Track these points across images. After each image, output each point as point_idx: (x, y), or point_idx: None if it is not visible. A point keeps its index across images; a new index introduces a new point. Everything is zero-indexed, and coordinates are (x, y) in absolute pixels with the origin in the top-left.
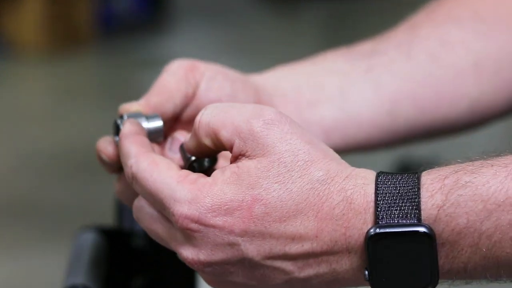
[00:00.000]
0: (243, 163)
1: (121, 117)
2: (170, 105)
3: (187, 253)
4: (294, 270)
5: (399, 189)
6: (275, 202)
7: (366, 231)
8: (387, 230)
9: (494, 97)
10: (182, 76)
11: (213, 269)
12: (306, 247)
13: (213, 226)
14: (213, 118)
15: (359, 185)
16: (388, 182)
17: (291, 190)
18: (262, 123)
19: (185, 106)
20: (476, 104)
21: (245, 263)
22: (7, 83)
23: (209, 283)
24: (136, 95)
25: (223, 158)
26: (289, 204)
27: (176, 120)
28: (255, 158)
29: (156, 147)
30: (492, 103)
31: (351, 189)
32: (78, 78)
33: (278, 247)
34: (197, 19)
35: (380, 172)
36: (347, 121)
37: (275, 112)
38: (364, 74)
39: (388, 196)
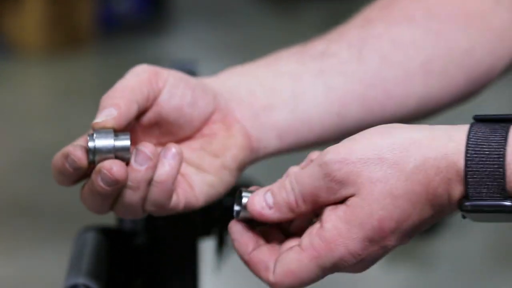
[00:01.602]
0: (346, 203)
1: (92, 134)
2: (134, 107)
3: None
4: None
5: (486, 167)
6: (395, 211)
7: (458, 201)
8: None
9: (442, 93)
10: (145, 79)
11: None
12: (427, 221)
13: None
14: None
15: (451, 164)
16: (476, 157)
17: (399, 195)
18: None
19: (145, 109)
20: (424, 101)
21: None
22: (8, 83)
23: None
24: None
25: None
26: (405, 204)
27: (135, 124)
28: (354, 195)
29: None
30: (439, 99)
31: (445, 167)
32: (79, 78)
33: (412, 228)
34: (197, 19)
35: (469, 139)
36: (299, 124)
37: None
38: (316, 77)
39: (477, 175)
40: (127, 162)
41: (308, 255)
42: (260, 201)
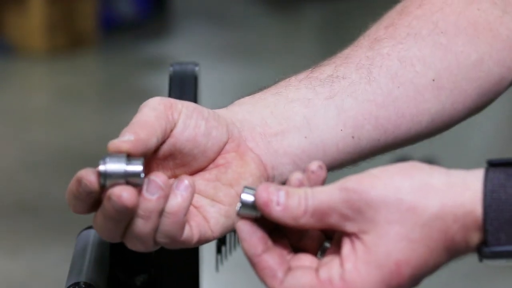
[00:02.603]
0: (362, 240)
1: (105, 158)
2: (154, 140)
3: None
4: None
5: (504, 213)
6: (412, 255)
7: (477, 247)
8: (497, 249)
9: (454, 108)
10: (162, 112)
11: None
12: (442, 266)
13: None
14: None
15: (468, 212)
16: (493, 205)
17: (416, 239)
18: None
19: (162, 143)
20: (437, 117)
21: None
22: (12, 84)
23: None
24: (138, 97)
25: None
26: (422, 249)
27: (150, 157)
28: (369, 233)
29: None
30: (452, 114)
31: (462, 215)
32: (82, 79)
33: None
34: (198, 20)
35: (485, 190)
36: (314, 149)
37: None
38: (327, 101)
39: (496, 222)
40: (139, 188)
41: None
42: (272, 193)
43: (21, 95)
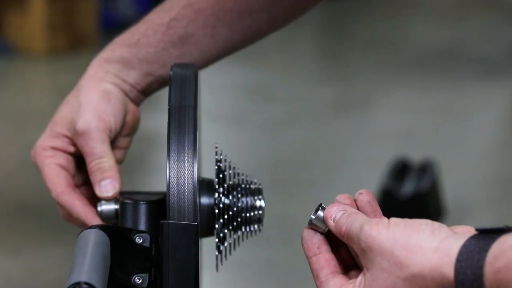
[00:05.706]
0: (365, 276)
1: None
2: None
3: None
4: None
5: (469, 278)
6: None
7: None
8: None
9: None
10: (106, 139)
11: None
12: None
13: None
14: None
15: (443, 275)
16: (462, 270)
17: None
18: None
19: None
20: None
21: None
22: (14, 85)
23: None
24: None
25: None
26: None
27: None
28: (369, 271)
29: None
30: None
31: (439, 276)
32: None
33: None
34: None
35: (457, 259)
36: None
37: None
38: (178, 59)
39: (463, 284)
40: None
41: None
42: (334, 211)
43: (21, 95)
